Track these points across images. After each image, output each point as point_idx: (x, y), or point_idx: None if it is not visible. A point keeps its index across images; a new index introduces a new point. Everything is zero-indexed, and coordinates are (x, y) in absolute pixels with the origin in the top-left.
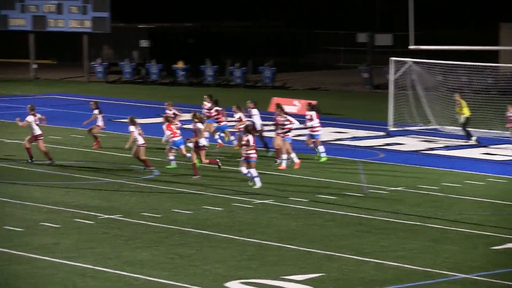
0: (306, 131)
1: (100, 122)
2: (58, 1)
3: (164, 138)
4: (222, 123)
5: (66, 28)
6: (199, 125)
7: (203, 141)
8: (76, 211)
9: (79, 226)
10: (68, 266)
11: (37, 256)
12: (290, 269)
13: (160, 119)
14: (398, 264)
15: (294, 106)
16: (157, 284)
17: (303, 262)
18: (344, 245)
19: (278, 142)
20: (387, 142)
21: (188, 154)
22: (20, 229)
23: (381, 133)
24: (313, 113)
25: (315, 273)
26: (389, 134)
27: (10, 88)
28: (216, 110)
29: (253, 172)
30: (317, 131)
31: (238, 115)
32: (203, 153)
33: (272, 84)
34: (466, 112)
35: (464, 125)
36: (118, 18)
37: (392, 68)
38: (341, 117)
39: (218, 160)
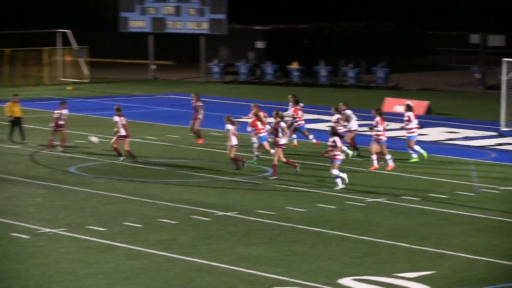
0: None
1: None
2: (176, 3)
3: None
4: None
5: (184, 29)
6: (282, 124)
7: (283, 140)
8: (193, 208)
9: (196, 222)
10: (185, 262)
11: (155, 252)
12: (402, 266)
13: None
14: (510, 263)
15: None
16: (271, 280)
17: (415, 260)
18: (456, 244)
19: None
20: (499, 142)
21: (272, 151)
22: (139, 225)
23: (493, 133)
24: (411, 114)
25: (426, 270)
26: (501, 134)
27: (130, 88)
28: (296, 110)
29: (335, 172)
30: (413, 132)
31: (335, 116)
32: (281, 151)
33: (385, 84)
34: None
35: None
36: (234, 20)
37: (504, 69)
38: (453, 117)
39: (297, 164)
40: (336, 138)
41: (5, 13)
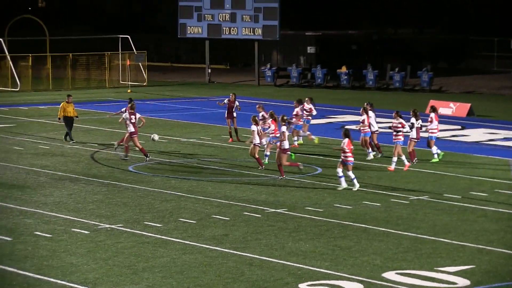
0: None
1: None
2: (232, 10)
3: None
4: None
5: (239, 35)
6: (283, 128)
7: (286, 144)
8: (245, 205)
9: (247, 219)
10: (237, 256)
11: (208, 246)
12: (443, 261)
13: (324, 121)
14: None
15: (450, 108)
16: (319, 273)
17: (455, 255)
18: (495, 240)
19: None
20: None
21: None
22: (193, 221)
23: None
24: (433, 115)
25: (467, 265)
26: None
27: (187, 91)
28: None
29: (351, 174)
30: (433, 133)
31: (363, 117)
32: (285, 156)
33: (429, 87)
34: None
35: None
36: (287, 26)
37: None
38: (494, 119)
39: (299, 163)
40: (346, 140)
41: (68, 19)
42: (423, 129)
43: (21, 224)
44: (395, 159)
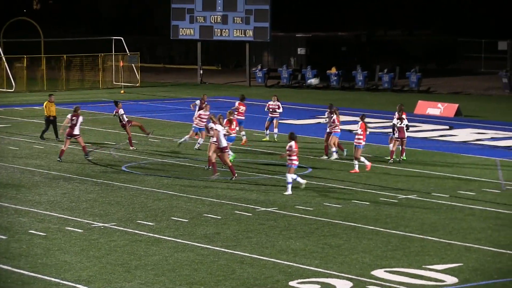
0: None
1: None
2: (223, 12)
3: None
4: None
5: (230, 37)
6: (211, 125)
7: (223, 143)
8: (236, 204)
9: (239, 217)
10: (228, 254)
11: (200, 245)
12: (432, 259)
13: (314, 121)
14: None
15: (438, 108)
16: (309, 271)
17: (443, 253)
18: (483, 238)
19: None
20: None
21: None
22: (185, 220)
23: None
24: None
25: (454, 263)
26: None
27: (179, 91)
28: (240, 104)
29: (289, 177)
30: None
31: (333, 117)
32: (222, 155)
33: (417, 88)
34: None
35: None
36: (278, 28)
37: None
38: (481, 119)
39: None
40: (293, 143)
41: (65, 21)
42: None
43: (16, 222)
44: (356, 161)
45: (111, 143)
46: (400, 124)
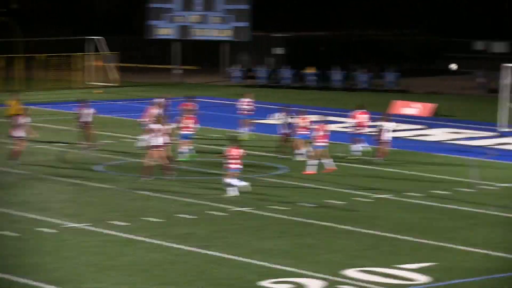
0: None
1: None
2: (202, 12)
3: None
4: None
5: (210, 37)
6: (151, 125)
7: (157, 141)
8: (210, 204)
9: (212, 217)
10: (201, 254)
11: (174, 245)
12: (404, 258)
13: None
14: (505, 255)
15: (415, 108)
16: (282, 271)
17: (416, 252)
18: (455, 237)
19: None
20: (499, 142)
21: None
22: (160, 220)
23: (494, 134)
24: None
25: (427, 262)
26: (501, 135)
27: (157, 91)
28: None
29: (228, 180)
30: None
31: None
32: (156, 153)
33: (394, 88)
34: None
35: None
36: (256, 27)
37: (504, 74)
38: (457, 119)
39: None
40: (232, 148)
41: (42, 20)
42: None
43: None
44: (315, 162)
45: (85, 143)
46: (383, 127)
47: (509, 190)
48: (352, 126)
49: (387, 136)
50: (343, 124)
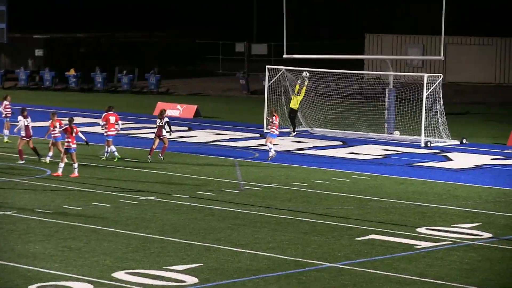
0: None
1: None
2: None
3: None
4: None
5: None
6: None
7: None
8: None
9: None
10: None
11: None
12: (172, 259)
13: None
14: (271, 255)
15: (177, 110)
16: (49, 275)
17: (184, 253)
18: (222, 237)
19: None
20: (262, 143)
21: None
22: None
23: (257, 135)
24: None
25: (194, 263)
26: (264, 136)
27: None
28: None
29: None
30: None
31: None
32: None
33: (157, 90)
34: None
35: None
36: (15, 29)
37: (266, 75)
38: (220, 120)
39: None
40: None
41: None
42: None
43: None
44: (62, 164)
45: None
46: (160, 123)
47: (273, 190)
48: (103, 127)
49: (164, 133)
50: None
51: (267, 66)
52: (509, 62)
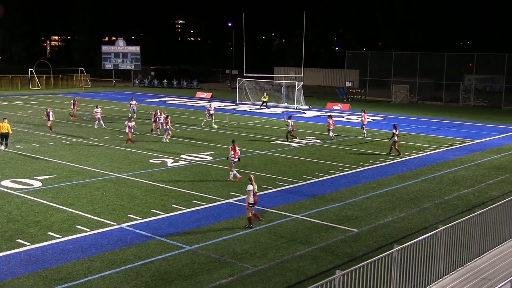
0: None
1: None
2: None
3: None
4: None
5: None
6: None
7: None
8: None
9: None
10: None
11: None
12: None
13: None
14: None
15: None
16: None
17: None
18: None
19: None
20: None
21: None
22: None
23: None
24: None
25: None
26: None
27: None
28: None
29: None
30: None
31: None
32: None
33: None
34: None
35: None
36: None
37: (237, 83)
38: (220, 98)
39: None
40: None
41: None
42: None
43: None
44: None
45: None
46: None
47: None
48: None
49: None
50: None
51: (238, 78)
52: None
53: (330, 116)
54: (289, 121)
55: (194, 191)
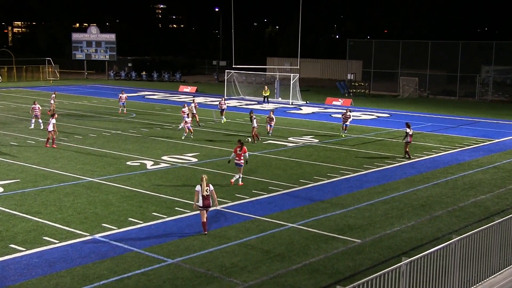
0: None
1: None
2: None
3: None
4: None
5: None
6: None
7: None
8: None
9: None
10: None
11: None
12: None
13: None
14: None
15: (188, 88)
16: None
17: None
18: None
19: None
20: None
21: None
22: None
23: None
24: None
25: None
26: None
27: None
28: None
29: None
30: None
31: None
32: None
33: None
34: None
35: None
36: None
37: (225, 75)
38: (207, 92)
39: None
40: None
41: None
42: None
43: None
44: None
45: None
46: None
47: None
48: None
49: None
50: None
51: (226, 70)
52: None
53: (348, 111)
54: (254, 117)
55: (176, 197)
